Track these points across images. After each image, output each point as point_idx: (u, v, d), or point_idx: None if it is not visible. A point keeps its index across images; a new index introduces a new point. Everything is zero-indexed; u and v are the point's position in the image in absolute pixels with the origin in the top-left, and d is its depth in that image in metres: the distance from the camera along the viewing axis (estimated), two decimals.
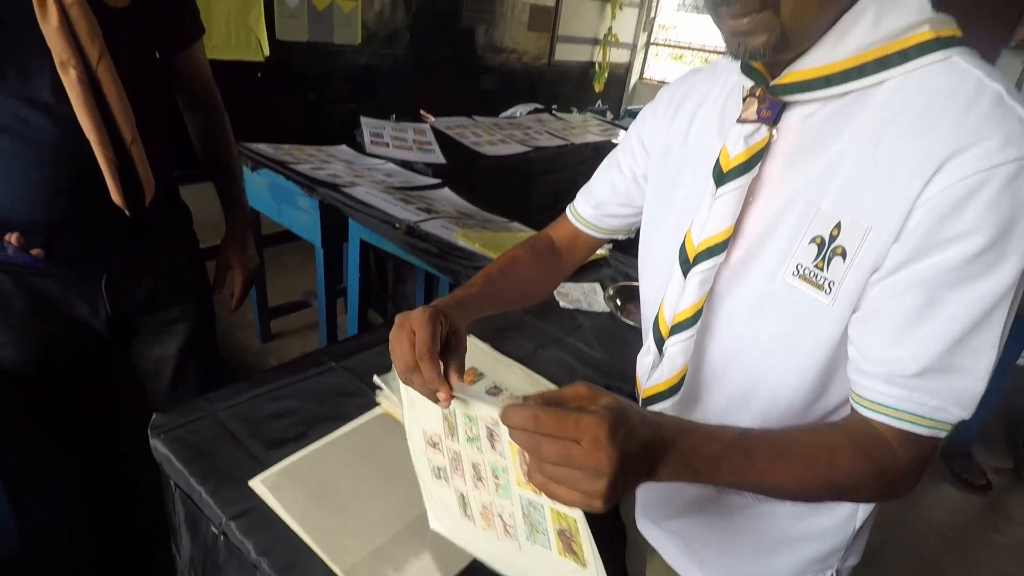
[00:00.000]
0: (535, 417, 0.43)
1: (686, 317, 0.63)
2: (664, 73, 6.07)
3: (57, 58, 0.84)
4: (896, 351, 0.52)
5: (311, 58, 3.19)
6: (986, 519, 2.22)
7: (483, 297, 0.74)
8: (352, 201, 1.79)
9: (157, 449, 0.87)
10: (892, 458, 0.53)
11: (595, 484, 0.42)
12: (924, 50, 0.51)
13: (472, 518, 0.63)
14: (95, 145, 0.89)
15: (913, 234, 0.50)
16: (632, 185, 0.81)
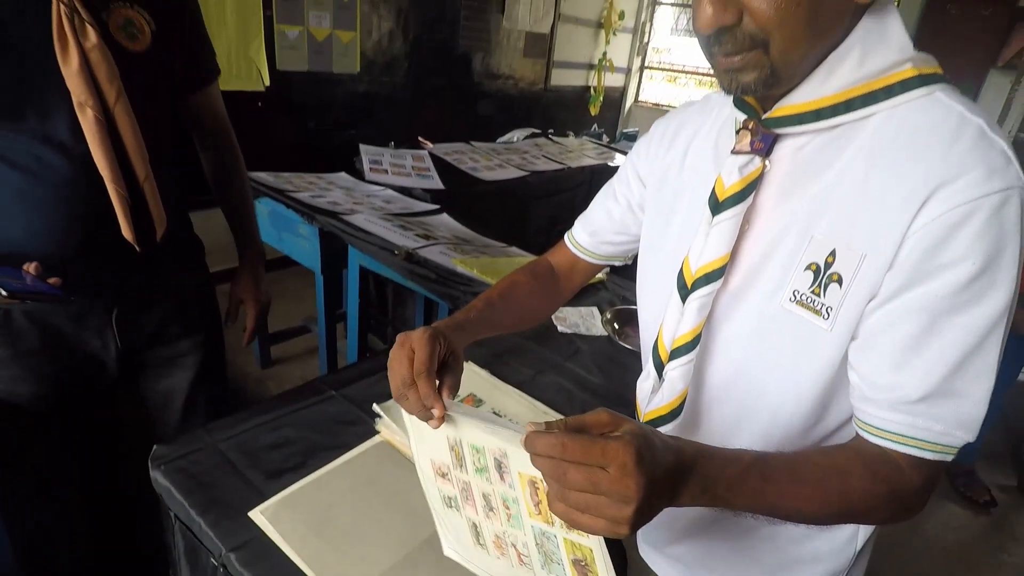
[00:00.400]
0: (562, 445, 0.42)
1: (685, 342, 0.65)
2: (659, 96, 6.16)
3: (76, 99, 0.87)
4: (898, 378, 0.53)
5: (311, 87, 3.25)
6: (992, 539, 2.20)
7: (482, 320, 0.76)
8: (351, 228, 1.82)
9: (157, 480, 0.88)
10: (902, 480, 0.54)
11: (623, 510, 0.42)
12: (907, 86, 0.54)
13: (485, 546, 0.63)
14: (109, 183, 0.92)
15: (906, 262, 0.51)
16: (627, 213, 0.83)
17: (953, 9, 4.29)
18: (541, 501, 0.52)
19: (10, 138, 0.86)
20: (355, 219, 1.89)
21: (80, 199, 0.92)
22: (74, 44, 0.85)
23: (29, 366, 1.00)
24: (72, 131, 0.88)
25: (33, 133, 0.87)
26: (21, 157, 0.87)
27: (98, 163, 0.90)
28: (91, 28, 0.86)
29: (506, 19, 4.32)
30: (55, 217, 0.91)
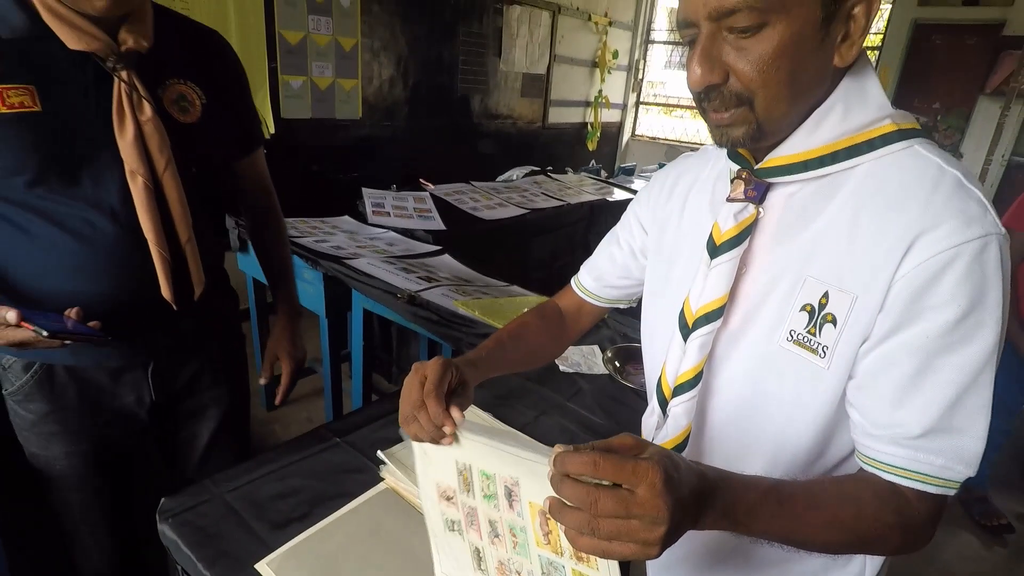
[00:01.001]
0: (594, 462, 0.43)
1: (688, 379, 0.67)
2: (655, 129, 6.27)
3: (128, 167, 0.92)
4: (898, 416, 0.55)
5: (314, 133, 3.34)
6: (1010, 568, 2.15)
7: (493, 359, 0.80)
8: (355, 272, 1.85)
9: (165, 534, 0.89)
10: (911, 510, 0.56)
11: (654, 532, 0.43)
12: (888, 140, 0.58)
13: (487, 572, 0.64)
14: (153, 246, 0.96)
15: (896, 304, 0.54)
16: (630, 258, 0.87)
17: (939, 39, 4.40)
18: (551, 532, 0.53)
19: (65, 203, 0.91)
20: (358, 263, 1.92)
21: (124, 260, 0.96)
22: (131, 118, 0.90)
23: (66, 422, 1.03)
24: (122, 197, 0.93)
25: (86, 199, 0.92)
26: (73, 222, 0.92)
27: (144, 228, 0.95)
28: (147, 104, 0.92)
29: (503, 62, 4.45)
30: (100, 277, 0.95)
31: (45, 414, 1.01)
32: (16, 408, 1.03)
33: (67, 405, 1.02)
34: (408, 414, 0.63)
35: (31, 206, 0.90)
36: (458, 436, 0.60)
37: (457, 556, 0.68)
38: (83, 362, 1.01)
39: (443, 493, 0.65)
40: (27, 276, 0.92)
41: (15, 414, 1.04)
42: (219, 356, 1.20)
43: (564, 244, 3.12)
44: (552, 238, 3.07)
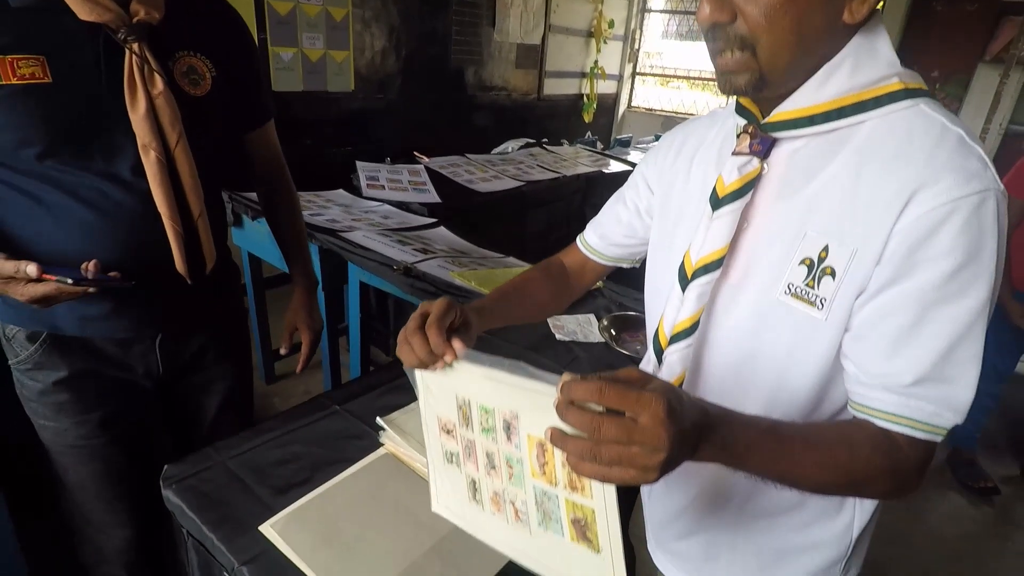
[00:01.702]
0: (599, 390, 0.45)
1: (684, 328, 0.69)
2: (652, 100, 6.21)
3: (140, 141, 0.92)
4: (891, 365, 0.57)
5: (306, 106, 3.30)
6: (996, 528, 2.21)
7: (498, 309, 0.83)
8: (350, 245, 1.85)
9: (169, 499, 0.91)
10: (902, 455, 0.58)
11: (653, 458, 0.45)
12: (895, 98, 0.59)
13: (481, 503, 0.66)
14: (166, 219, 0.96)
15: (893, 257, 0.56)
16: (635, 218, 0.89)
17: (939, 6, 4.34)
18: (547, 462, 0.55)
19: (78, 175, 0.91)
20: (354, 236, 1.92)
21: (137, 231, 0.96)
22: (142, 91, 0.90)
23: (75, 390, 1.03)
24: (134, 170, 0.93)
25: (99, 171, 0.92)
26: (86, 191, 0.92)
27: (157, 202, 0.95)
28: (159, 76, 0.91)
29: (497, 32, 4.38)
30: (113, 246, 0.95)
31: (54, 383, 1.02)
32: (23, 378, 1.03)
33: (76, 374, 1.02)
34: (403, 340, 0.64)
35: (43, 176, 0.90)
36: (458, 368, 0.62)
37: (454, 487, 0.70)
38: (91, 332, 1.01)
39: (443, 426, 0.67)
40: (41, 245, 0.93)
41: (22, 384, 1.04)
42: (225, 330, 1.21)
43: (560, 216, 3.12)
44: (548, 210, 3.06)
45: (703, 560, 0.81)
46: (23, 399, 1.06)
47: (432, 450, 0.71)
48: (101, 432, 1.06)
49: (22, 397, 1.05)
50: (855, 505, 0.73)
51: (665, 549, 0.87)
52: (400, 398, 1.16)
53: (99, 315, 0.99)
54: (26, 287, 0.83)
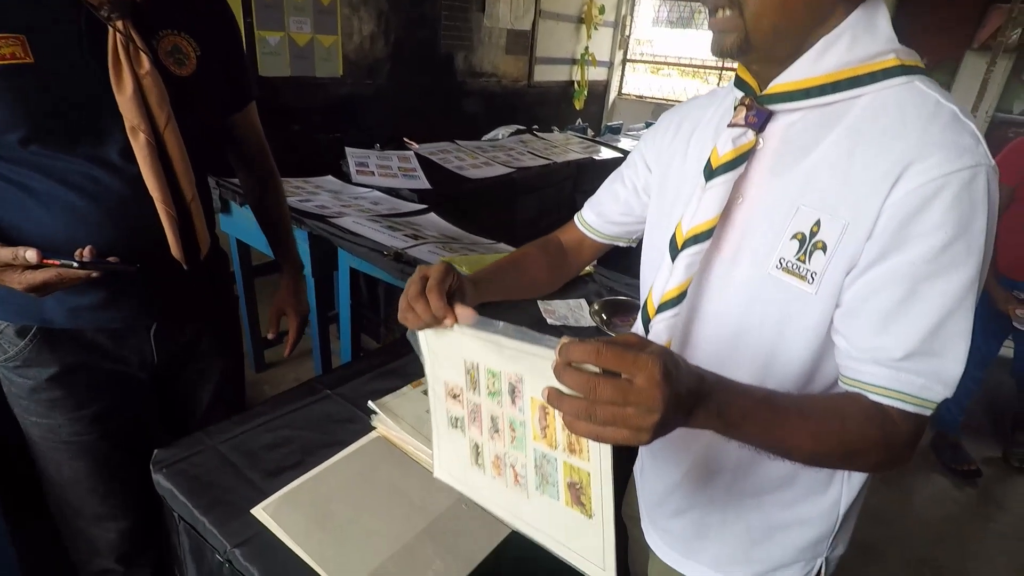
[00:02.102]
0: (596, 351, 0.45)
1: (672, 297, 0.69)
2: (642, 88, 6.19)
3: (128, 124, 0.89)
4: (881, 340, 0.58)
5: (294, 92, 3.26)
6: (979, 509, 2.26)
7: (494, 282, 0.84)
8: (340, 231, 1.84)
9: (160, 483, 0.90)
10: (893, 426, 0.59)
11: (647, 419, 0.45)
12: (890, 74, 0.59)
13: (483, 467, 0.67)
14: (159, 203, 0.94)
15: (884, 232, 0.56)
16: (632, 196, 0.89)
17: None
18: (548, 426, 0.56)
19: (65, 160, 0.88)
20: (343, 222, 1.91)
21: (129, 217, 0.94)
22: (128, 71, 0.87)
23: (68, 386, 1.00)
24: (123, 154, 0.90)
25: (87, 155, 0.89)
26: (75, 177, 0.89)
27: (149, 185, 0.92)
28: (144, 56, 0.88)
29: (487, 17, 4.34)
30: (106, 234, 0.92)
31: (46, 379, 0.99)
32: (11, 376, 1.00)
33: (68, 369, 0.99)
34: (406, 305, 0.65)
35: (29, 163, 0.87)
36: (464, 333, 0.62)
37: (457, 452, 0.70)
38: (83, 324, 0.98)
39: (450, 391, 0.68)
40: (30, 234, 0.89)
41: (10, 383, 1.01)
42: (218, 318, 1.20)
43: (550, 203, 3.11)
44: (538, 197, 3.06)
45: (694, 538, 0.82)
46: (11, 397, 1.02)
47: (437, 416, 0.72)
48: (96, 427, 1.04)
49: (10, 395, 1.02)
50: (843, 482, 0.75)
51: (658, 527, 0.88)
52: (391, 382, 1.15)
53: (91, 305, 0.96)
54: (23, 275, 0.81)
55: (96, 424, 1.04)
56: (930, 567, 1.96)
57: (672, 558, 0.85)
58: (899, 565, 1.95)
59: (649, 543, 0.89)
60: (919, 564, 1.96)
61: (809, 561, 0.78)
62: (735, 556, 0.79)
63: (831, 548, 0.78)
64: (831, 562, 0.80)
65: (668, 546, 0.86)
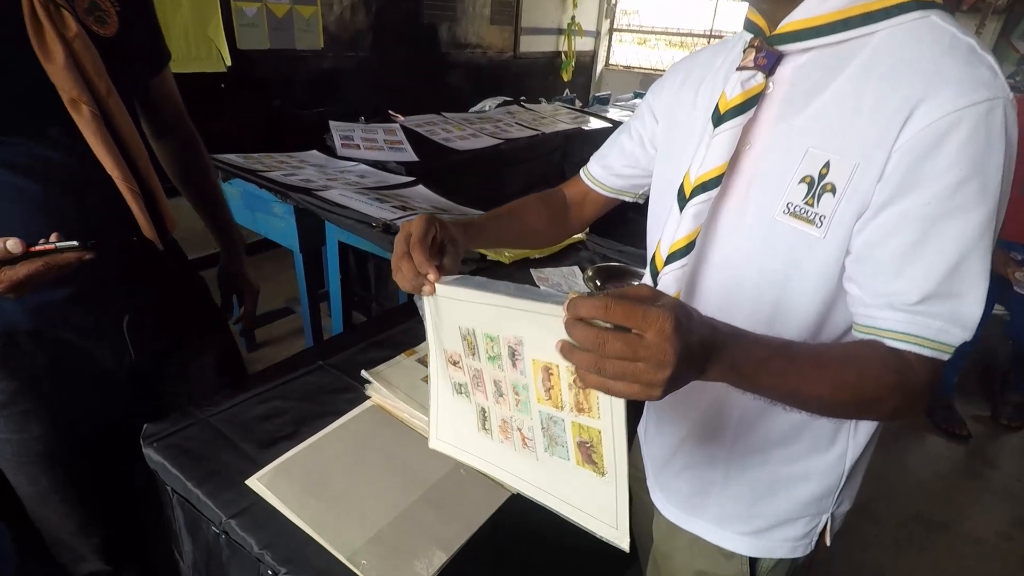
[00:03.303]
0: (605, 306, 0.43)
1: (680, 247, 0.67)
2: (629, 58, 6.11)
3: (66, 96, 0.80)
4: (896, 285, 0.56)
5: (274, 65, 3.18)
6: (969, 467, 2.29)
7: (487, 228, 0.82)
8: (327, 204, 1.79)
9: (151, 457, 0.88)
10: (912, 372, 0.56)
11: (658, 374, 0.43)
12: (904, 9, 0.56)
13: (490, 431, 0.65)
14: (119, 181, 0.86)
15: (895, 173, 0.54)
16: (639, 148, 0.87)
17: None
18: (553, 387, 0.54)
19: (6, 143, 0.80)
20: (330, 194, 1.86)
21: (86, 198, 0.87)
22: (54, 35, 0.78)
23: (41, 396, 0.92)
24: (68, 131, 0.82)
25: (30, 135, 0.81)
26: (22, 159, 0.82)
27: (103, 161, 0.84)
28: (68, 15, 0.79)
29: None
30: (60, 218, 0.84)
31: (15, 391, 0.90)
32: None
33: (39, 376, 0.91)
34: (395, 265, 0.64)
35: None
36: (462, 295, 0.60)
37: (461, 419, 0.69)
38: (49, 323, 0.90)
39: (450, 358, 0.66)
40: None
41: None
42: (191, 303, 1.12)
43: (539, 174, 3.07)
44: (527, 168, 3.01)
45: (697, 495, 0.81)
46: None
47: (438, 384, 0.70)
48: (73, 434, 0.97)
49: None
50: (848, 437, 0.73)
51: (663, 487, 0.87)
52: (384, 352, 1.13)
53: (56, 302, 0.88)
54: (3, 272, 0.72)
55: (74, 431, 0.97)
56: (922, 524, 1.99)
57: (675, 515, 0.84)
58: (892, 522, 1.98)
59: (654, 501, 0.89)
60: (911, 521, 2.00)
61: (814, 517, 0.77)
62: (738, 512, 0.78)
63: (836, 504, 0.78)
64: (836, 518, 0.79)
65: (672, 504, 0.85)
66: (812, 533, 0.78)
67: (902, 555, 1.86)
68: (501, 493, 0.86)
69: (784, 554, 0.79)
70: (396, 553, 0.75)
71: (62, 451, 0.97)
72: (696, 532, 0.82)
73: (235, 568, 0.80)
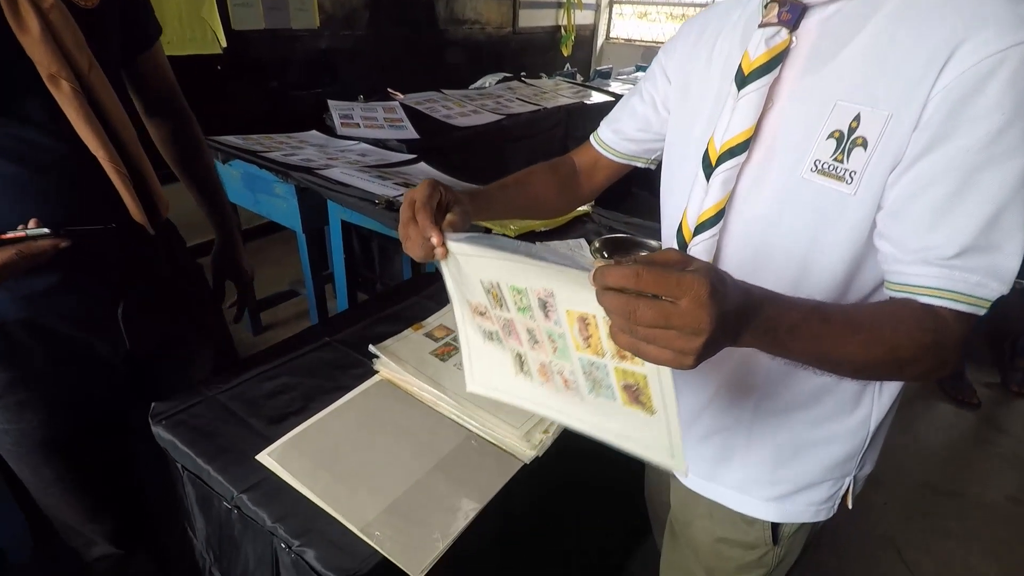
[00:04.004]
0: (636, 274, 0.41)
1: (709, 216, 0.66)
2: (631, 31, 6.01)
3: (44, 71, 0.76)
4: (932, 238, 0.53)
5: (270, 46, 3.13)
6: (979, 433, 2.28)
7: (494, 196, 0.80)
8: (328, 182, 1.77)
9: (160, 435, 0.88)
10: (947, 330, 0.54)
11: (691, 342, 0.42)
12: None
13: (529, 374, 0.64)
14: (105, 162, 0.82)
15: (932, 120, 0.51)
16: (651, 111, 0.84)
17: None
18: (591, 336, 0.52)
19: None
20: (331, 173, 1.84)
21: (73, 180, 0.83)
22: (29, 6, 0.74)
23: (36, 385, 0.90)
24: (48, 109, 0.78)
25: (7, 114, 0.77)
26: (4, 142, 0.78)
27: (87, 141, 0.80)
28: None
29: None
30: (43, 202, 0.81)
31: (9, 381, 0.88)
32: None
33: (33, 365, 0.88)
34: (403, 233, 0.63)
35: None
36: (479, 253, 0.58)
37: (496, 363, 0.68)
38: (40, 312, 0.87)
39: (476, 309, 0.65)
40: None
41: None
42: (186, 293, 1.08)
43: (542, 149, 3.04)
44: (529, 144, 2.98)
45: (719, 461, 0.80)
46: None
47: (466, 332, 0.69)
48: (71, 423, 0.95)
49: None
50: (873, 398, 0.72)
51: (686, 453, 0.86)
52: (391, 327, 1.12)
53: (45, 290, 0.85)
54: None
55: (71, 420, 0.95)
56: (931, 490, 1.99)
57: (695, 483, 0.83)
58: (901, 488, 1.98)
59: None
60: (920, 487, 2.00)
61: (837, 480, 0.76)
62: (760, 477, 0.77)
63: (859, 466, 0.76)
64: (859, 481, 0.78)
65: (692, 471, 0.84)
66: (835, 496, 0.77)
67: (911, 522, 1.86)
68: (514, 463, 0.85)
69: (807, 518, 0.77)
70: (411, 523, 0.75)
71: (60, 440, 0.95)
72: (717, 499, 0.81)
73: (248, 542, 0.80)
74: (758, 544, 0.80)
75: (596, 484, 1.18)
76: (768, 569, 0.81)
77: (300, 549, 0.71)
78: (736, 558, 0.82)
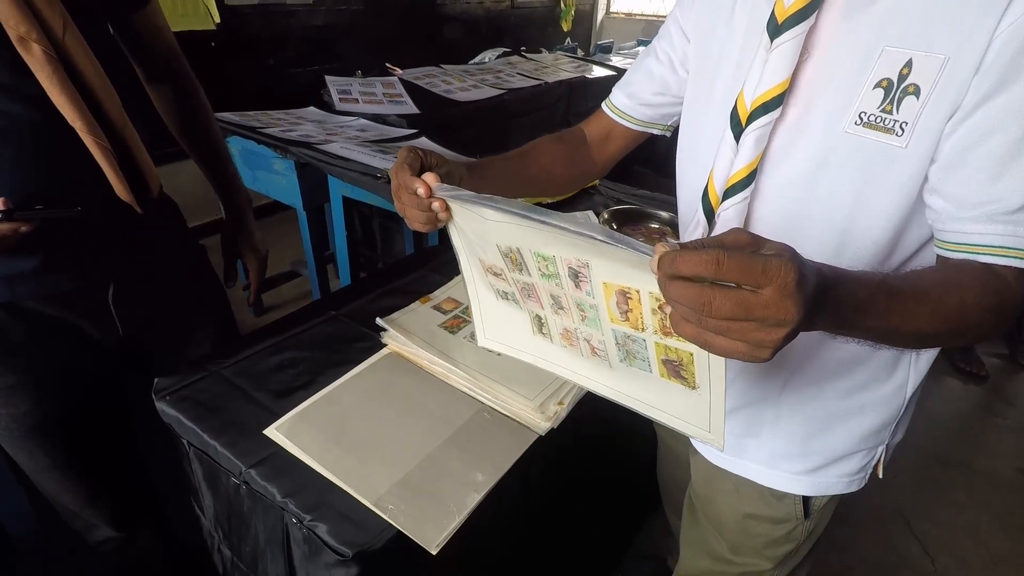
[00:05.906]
0: (717, 261, 0.36)
1: (740, 179, 0.61)
2: (631, 5, 5.89)
3: (12, 32, 0.69)
4: (995, 190, 0.50)
5: (264, 22, 3.06)
6: (987, 406, 2.27)
7: (494, 168, 0.75)
8: (329, 157, 1.73)
9: (164, 411, 0.85)
10: (1010, 292, 0.51)
11: (773, 334, 0.37)
12: None
13: (549, 335, 0.61)
14: (84, 134, 0.76)
15: (995, 64, 0.48)
16: (669, 71, 0.78)
17: None
18: (631, 310, 0.48)
19: None
20: (331, 147, 1.80)
21: (51, 153, 0.78)
22: None
23: (23, 371, 0.86)
24: (19, 75, 0.71)
25: None
26: None
27: (64, 111, 0.74)
28: None
29: None
30: (22, 178, 0.76)
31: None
32: None
33: (19, 350, 0.85)
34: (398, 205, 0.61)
35: None
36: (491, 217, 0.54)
37: (510, 321, 0.65)
38: (24, 295, 0.82)
39: (490, 269, 0.62)
40: None
41: None
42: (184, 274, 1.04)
43: (544, 124, 2.98)
44: (531, 119, 2.93)
45: (745, 436, 0.77)
46: None
47: (476, 289, 0.66)
48: (64, 409, 0.92)
49: None
50: (910, 365, 0.69)
51: None
52: (397, 300, 1.10)
53: (28, 271, 0.81)
54: None
55: (63, 404, 0.92)
56: (940, 462, 1.98)
57: (719, 458, 0.80)
58: (910, 461, 1.97)
59: (695, 445, 0.85)
60: (929, 459, 1.99)
61: (870, 450, 0.74)
62: (790, 451, 0.74)
63: (892, 435, 0.74)
64: (890, 449, 0.76)
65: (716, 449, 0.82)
66: (867, 467, 0.75)
67: (920, 493, 1.86)
68: (528, 435, 0.83)
69: (840, 490, 0.75)
70: (424, 497, 0.72)
71: (53, 425, 0.92)
72: (744, 474, 0.78)
73: (258, 518, 0.78)
74: (788, 519, 0.78)
75: (610, 457, 1.16)
76: (797, 543, 0.79)
77: (312, 524, 0.69)
78: (764, 533, 0.80)
